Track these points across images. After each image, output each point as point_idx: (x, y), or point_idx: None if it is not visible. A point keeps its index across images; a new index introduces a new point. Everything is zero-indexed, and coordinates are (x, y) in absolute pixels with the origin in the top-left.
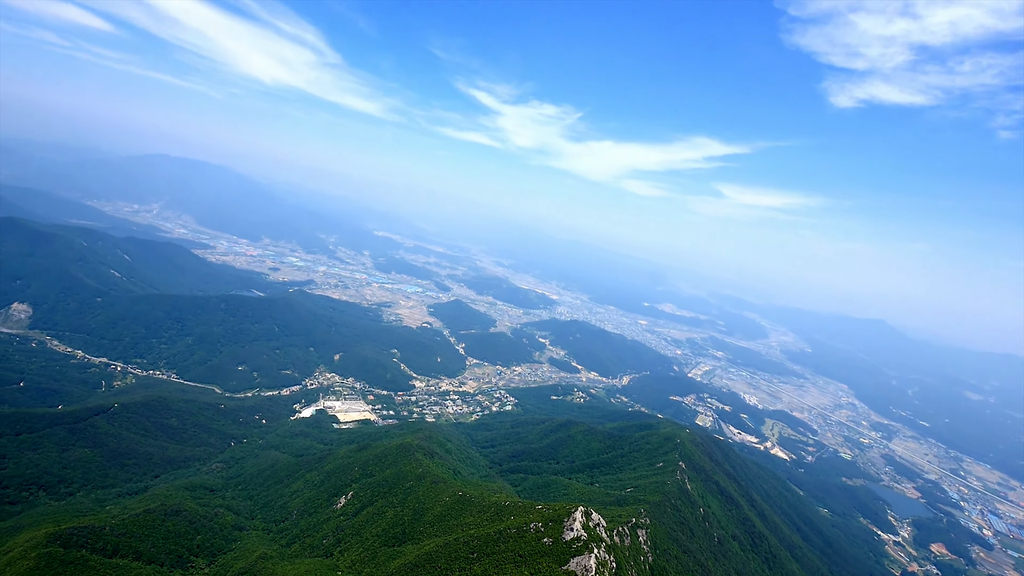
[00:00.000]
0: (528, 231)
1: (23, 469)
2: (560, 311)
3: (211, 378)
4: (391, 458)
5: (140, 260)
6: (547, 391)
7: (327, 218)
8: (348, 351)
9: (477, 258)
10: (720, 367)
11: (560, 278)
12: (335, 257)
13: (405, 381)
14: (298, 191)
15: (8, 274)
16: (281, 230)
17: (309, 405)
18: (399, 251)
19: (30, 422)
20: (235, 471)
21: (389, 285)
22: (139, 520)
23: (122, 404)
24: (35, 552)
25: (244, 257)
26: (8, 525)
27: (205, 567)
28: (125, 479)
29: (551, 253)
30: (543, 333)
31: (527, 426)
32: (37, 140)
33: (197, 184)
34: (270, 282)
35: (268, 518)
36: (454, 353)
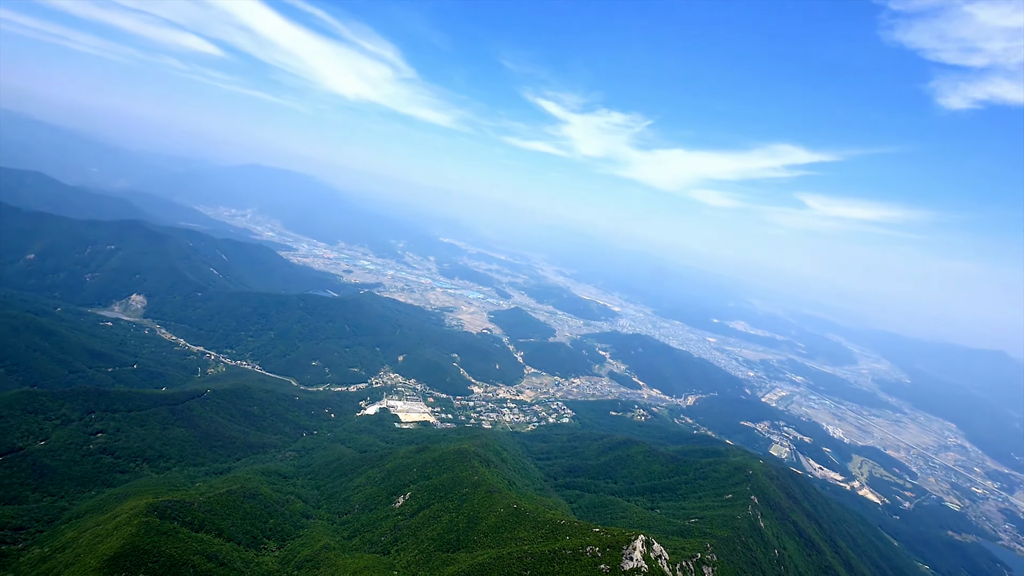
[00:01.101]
0: (591, 241)
1: (132, 443)
2: (622, 324)
3: (288, 371)
4: (448, 463)
5: (235, 260)
6: (606, 406)
7: (397, 224)
8: (411, 353)
9: (538, 267)
10: (799, 393)
11: (623, 290)
12: (403, 261)
13: (464, 386)
14: (372, 198)
15: (130, 269)
16: (355, 235)
17: (374, 403)
18: (463, 257)
19: (139, 401)
20: (305, 461)
21: (452, 290)
22: (222, 499)
23: (213, 390)
24: (136, 520)
25: (322, 259)
26: (118, 492)
27: (275, 550)
28: (212, 459)
29: (614, 264)
30: (604, 346)
31: (584, 441)
32: (157, 152)
33: (285, 191)
34: (343, 283)
35: (332, 509)
36: (512, 361)
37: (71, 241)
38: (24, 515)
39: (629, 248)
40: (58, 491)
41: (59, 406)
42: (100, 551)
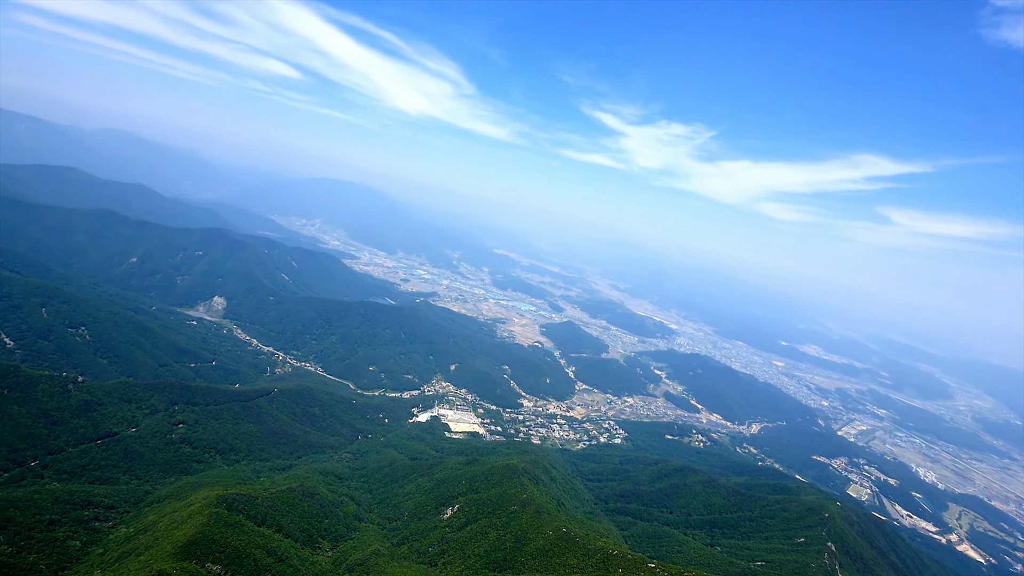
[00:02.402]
0: (647, 255)
1: (207, 435)
2: (679, 342)
3: (347, 374)
4: (497, 477)
5: (303, 266)
6: (661, 428)
7: (452, 235)
8: (463, 363)
9: (592, 280)
10: (882, 429)
11: (681, 306)
12: (457, 272)
13: (514, 399)
14: (430, 210)
15: (213, 273)
16: (412, 245)
17: (425, 411)
18: (516, 269)
19: (216, 396)
20: (359, 463)
21: (504, 302)
22: (283, 496)
23: (280, 390)
24: (207, 510)
25: (381, 268)
26: (193, 480)
27: (329, 550)
28: (276, 455)
29: (672, 279)
30: (659, 364)
31: (637, 464)
32: (240, 166)
33: (350, 202)
34: (400, 292)
35: (383, 514)
36: (563, 376)
37: (166, 247)
38: (115, 495)
39: (688, 263)
40: (144, 475)
41: (149, 396)
42: (175, 536)
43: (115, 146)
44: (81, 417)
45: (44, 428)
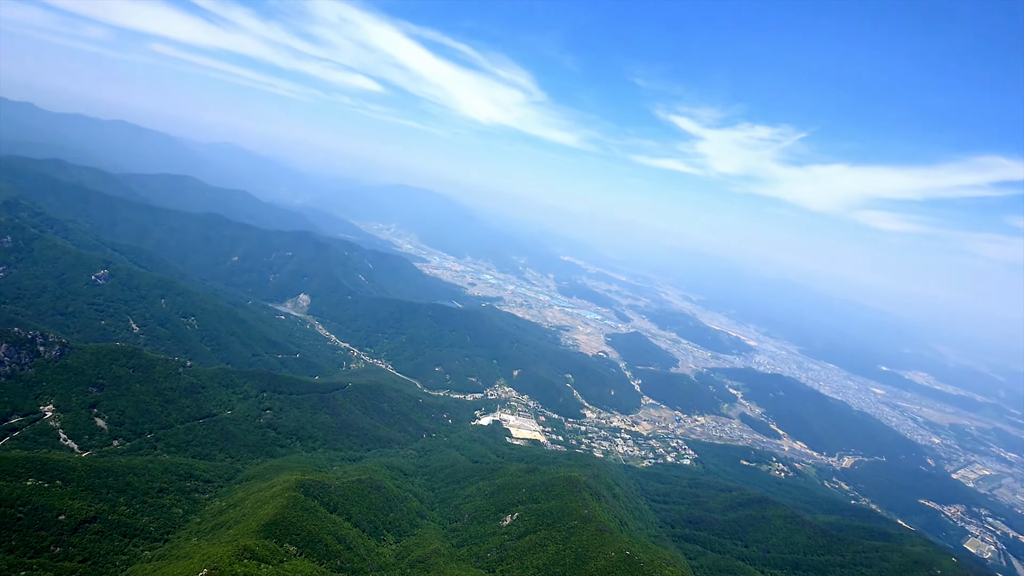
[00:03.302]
0: (723, 265)
1: (290, 422)
2: (758, 360)
3: (415, 373)
4: (557, 489)
5: (378, 268)
6: (736, 452)
7: (519, 241)
8: (526, 369)
9: (662, 290)
10: (1011, 476)
11: (761, 322)
12: (523, 278)
13: (576, 408)
14: (498, 216)
15: (300, 272)
16: (480, 250)
17: (488, 414)
18: (582, 276)
19: (298, 387)
20: (423, 461)
21: (569, 309)
22: (353, 487)
23: (354, 385)
24: (287, 493)
25: (450, 272)
26: (276, 463)
27: (392, 543)
28: (348, 446)
29: (751, 292)
30: (735, 383)
31: (708, 490)
32: (326, 174)
33: (422, 208)
34: (467, 296)
35: (444, 514)
36: (629, 388)
37: (262, 247)
38: (212, 470)
39: (769, 276)
40: (236, 454)
41: (243, 383)
42: (259, 515)
43: (224, 157)
44: (188, 398)
45: (159, 405)
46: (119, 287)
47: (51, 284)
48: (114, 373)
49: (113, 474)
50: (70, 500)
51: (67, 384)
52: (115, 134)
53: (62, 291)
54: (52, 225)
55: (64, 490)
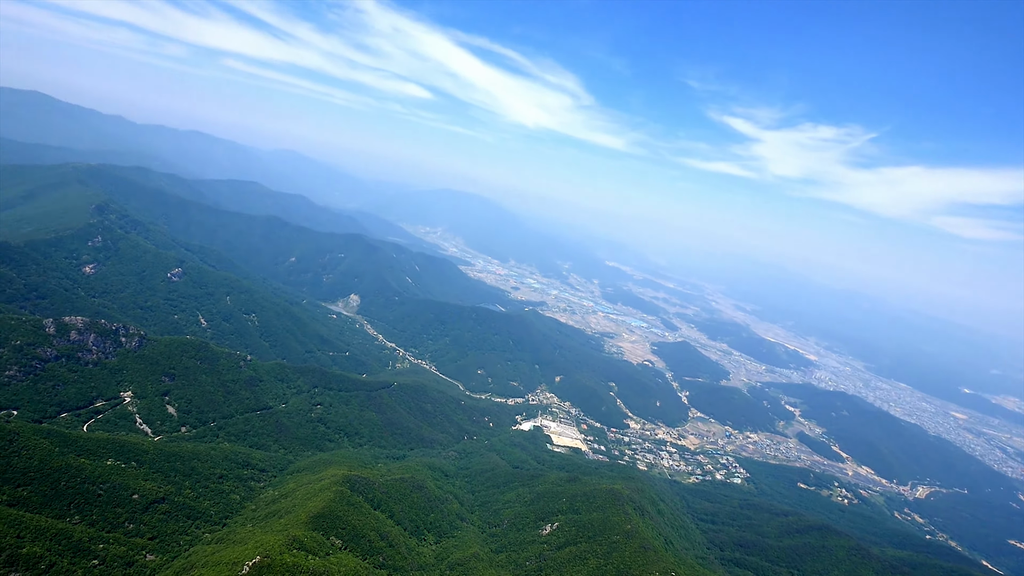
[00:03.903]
0: (780, 274)
1: (338, 418)
2: (819, 376)
3: (458, 375)
4: (599, 501)
5: (424, 271)
6: (792, 474)
7: (564, 246)
8: (568, 375)
9: (712, 298)
10: None
11: (822, 335)
12: (567, 283)
13: (619, 418)
14: (543, 220)
15: (351, 272)
16: (524, 254)
17: (529, 419)
18: (627, 283)
19: (347, 384)
20: (464, 463)
21: (614, 316)
22: (396, 485)
23: (399, 384)
24: (334, 488)
25: (494, 275)
26: (325, 457)
27: (433, 544)
28: (392, 444)
29: (811, 302)
30: (792, 399)
31: (761, 513)
32: (377, 179)
33: (469, 212)
34: (510, 299)
35: (484, 518)
36: (675, 400)
37: (317, 249)
38: (267, 460)
39: (832, 286)
40: (289, 446)
41: (297, 378)
42: (308, 507)
43: (286, 163)
44: (247, 390)
45: (221, 396)
46: (191, 284)
47: (133, 280)
48: (184, 364)
49: (180, 459)
50: (143, 481)
51: (144, 373)
52: (191, 143)
53: (142, 287)
54: (135, 226)
55: (138, 471)
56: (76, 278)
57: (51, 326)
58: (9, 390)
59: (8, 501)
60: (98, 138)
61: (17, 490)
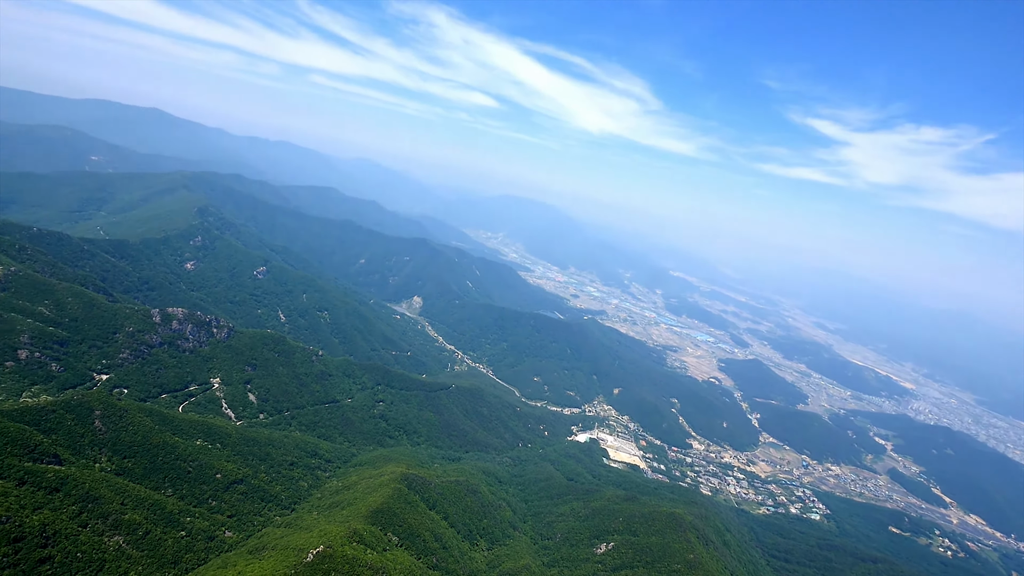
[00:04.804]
0: (871, 290)
1: (398, 415)
2: (917, 407)
3: (514, 380)
4: (659, 524)
5: (485, 275)
6: (882, 516)
7: (625, 254)
8: (627, 388)
9: (789, 315)
10: None
11: (922, 361)
12: (628, 292)
13: (681, 437)
14: (605, 227)
15: (415, 275)
16: (584, 261)
17: (585, 431)
18: (693, 294)
19: (408, 383)
20: (518, 471)
21: (678, 329)
22: (451, 487)
23: (457, 386)
24: (393, 484)
25: (553, 282)
26: (385, 453)
27: (485, 550)
28: (448, 445)
29: (909, 323)
30: (883, 431)
31: (844, 555)
32: (442, 185)
33: (530, 218)
34: (569, 307)
35: (536, 529)
36: (744, 422)
37: (384, 252)
38: (332, 452)
39: (936, 306)
40: (353, 439)
41: (362, 375)
42: (368, 501)
43: (361, 170)
44: (318, 383)
45: (295, 387)
46: (273, 282)
47: (225, 276)
48: (264, 356)
49: (258, 444)
50: (225, 462)
51: (230, 362)
52: (280, 152)
53: (232, 283)
54: (229, 228)
55: (222, 452)
56: (179, 273)
57: (157, 316)
58: (122, 371)
59: (116, 471)
60: (203, 148)
61: (123, 461)
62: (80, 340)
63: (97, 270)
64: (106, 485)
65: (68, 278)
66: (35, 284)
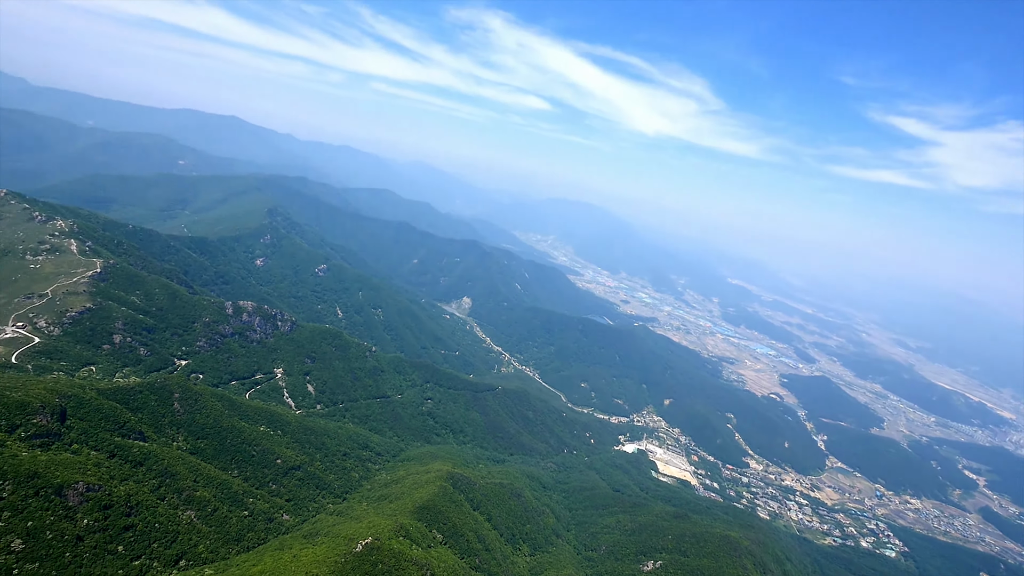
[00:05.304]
0: (963, 306)
1: (446, 414)
2: (1017, 440)
3: (560, 385)
4: (711, 547)
5: (533, 278)
6: (972, 559)
7: (680, 259)
8: (679, 399)
9: (863, 329)
10: None
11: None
12: (681, 299)
13: (737, 454)
14: (658, 232)
15: (465, 276)
16: (636, 266)
17: (632, 441)
18: (753, 304)
19: (456, 382)
20: (562, 477)
21: (735, 339)
22: (495, 489)
23: (503, 388)
24: (439, 482)
25: (602, 287)
26: (432, 450)
27: (527, 555)
28: (493, 446)
29: (1010, 345)
30: (975, 464)
31: None
32: (494, 188)
33: (581, 222)
34: (619, 313)
35: (579, 540)
36: (809, 443)
37: (436, 253)
38: (382, 445)
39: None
40: (402, 434)
41: (412, 372)
42: (415, 497)
43: (415, 173)
44: (370, 378)
45: (349, 381)
46: (332, 279)
47: (289, 273)
48: (323, 350)
49: (315, 433)
50: (285, 448)
51: (292, 354)
52: (341, 156)
53: (296, 279)
54: (295, 228)
55: (282, 439)
56: (250, 268)
57: (230, 307)
58: (198, 358)
59: (190, 450)
60: (273, 153)
61: (197, 441)
62: (164, 328)
63: (181, 264)
64: (182, 463)
65: (156, 271)
66: (129, 276)
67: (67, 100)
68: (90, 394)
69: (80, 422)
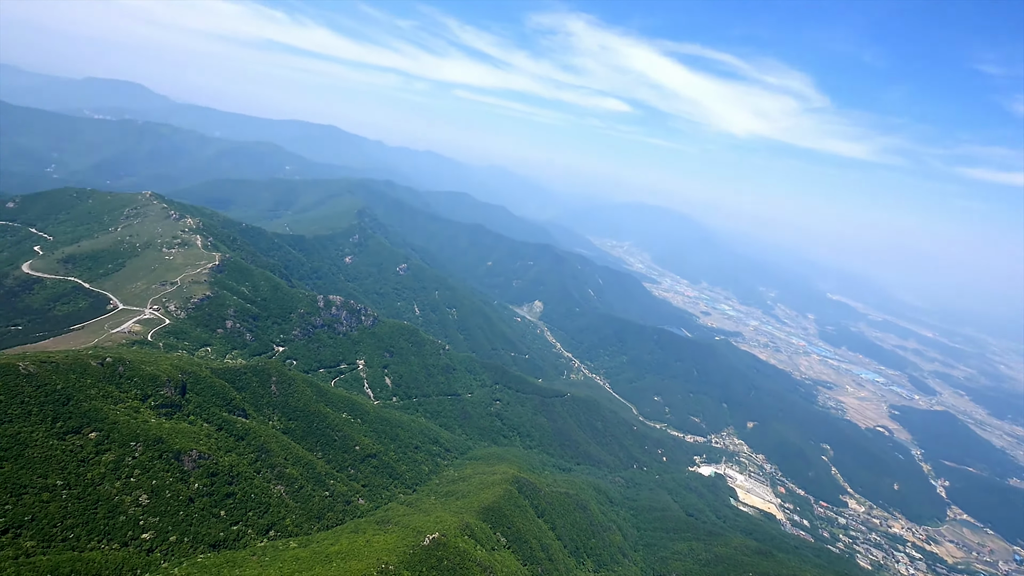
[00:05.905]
0: None
1: (513, 416)
2: None
3: (631, 397)
4: None
5: (607, 285)
6: None
7: (769, 270)
8: (765, 423)
9: (999, 359)
10: None
11: None
12: (771, 314)
13: (833, 491)
14: (746, 240)
15: (538, 280)
16: (719, 277)
17: (709, 464)
18: (858, 323)
19: (524, 386)
20: (631, 494)
21: (834, 361)
22: (560, 499)
23: (572, 395)
24: (504, 485)
25: (681, 297)
26: (498, 451)
27: (591, 571)
28: (559, 454)
29: None
30: None
31: None
32: (570, 192)
33: (659, 227)
34: (698, 325)
35: (648, 562)
36: (925, 488)
37: (510, 256)
38: (452, 442)
39: None
40: (470, 433)
41: (482, 372)
42: (481, 497)
43: (492, 177)
44: (443, 375)
45: (423, 377)
46: (411, 278)
47: (373, 271)
48: (400, 345)
49: (390, 424)
50: (363, 436)
51: (373, 347)
52: (425, 161)
53: (379, 276)
54: (380, 228)
55: (361, 427)
56: (340, 265)
57: (321, 301)
58: (293, 345)
59: (283, 430)
60: (365, 158)
61: (289, 422)
62: (267, 316)
63: (282, 259)
64: (276, 441)
65: (262, 265)
66: (241, 269)
67: (200, 114)
68: (205, 372)
69: (196, 396)
